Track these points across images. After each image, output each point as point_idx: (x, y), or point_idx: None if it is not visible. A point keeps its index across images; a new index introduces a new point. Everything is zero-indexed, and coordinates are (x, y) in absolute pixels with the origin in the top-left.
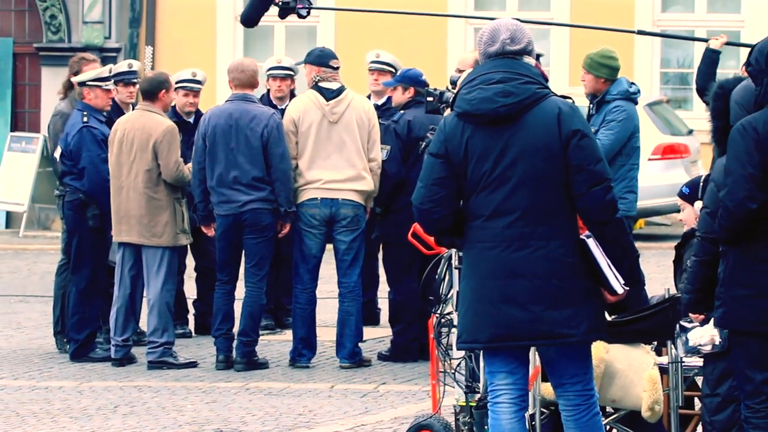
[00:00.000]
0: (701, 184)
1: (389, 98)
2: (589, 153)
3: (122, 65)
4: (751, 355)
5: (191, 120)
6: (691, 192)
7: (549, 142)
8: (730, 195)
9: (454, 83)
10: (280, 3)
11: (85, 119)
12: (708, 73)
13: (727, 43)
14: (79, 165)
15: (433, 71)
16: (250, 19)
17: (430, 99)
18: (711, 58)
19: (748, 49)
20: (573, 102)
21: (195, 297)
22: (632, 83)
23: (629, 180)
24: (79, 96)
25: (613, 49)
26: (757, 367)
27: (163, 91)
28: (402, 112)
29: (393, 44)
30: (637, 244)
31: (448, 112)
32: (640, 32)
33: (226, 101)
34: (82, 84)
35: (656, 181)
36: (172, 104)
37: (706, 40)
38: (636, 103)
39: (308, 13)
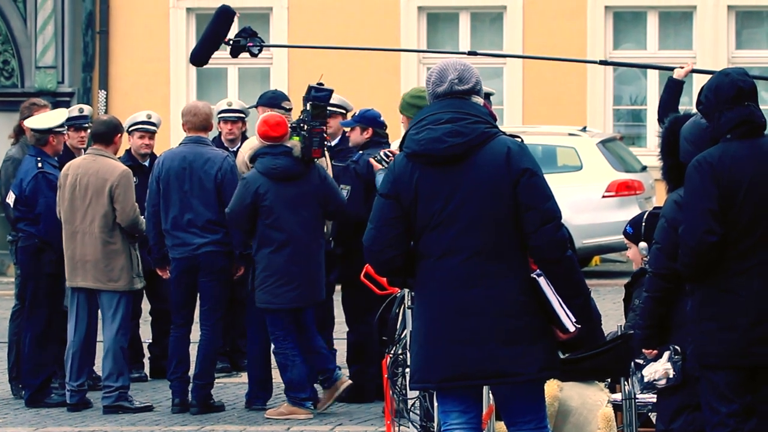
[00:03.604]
0: (643, 223)
1: (341, 139)
2: (539, 192)
3: (73, 110)
4: (717, 388)
5: (146, 163)
6: (634, 231)
7: (498, 181)
8: (690, 231)
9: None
10: (231, 41)
11: (40, 165)
12: (670, 104)
13: (694, 71)
14: (35, 211)
15: (387, 111)
16: (200, 57)
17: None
18: (673, 88)
19: (699, 86)
20: (522, 141)
21: (150, 340)
22: None
23: None
24: (32, 141)
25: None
26: (724, 399)
27: (119, 134)
28: (361, 152)
29: (346, 85)
30: (592, 281)
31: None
32: (603, 62)
33: (180, 144)
34: (48, 131)
35: (611, 218)
36: (128, 148)
37: (670, 68)
38: None
39: (260, 51)
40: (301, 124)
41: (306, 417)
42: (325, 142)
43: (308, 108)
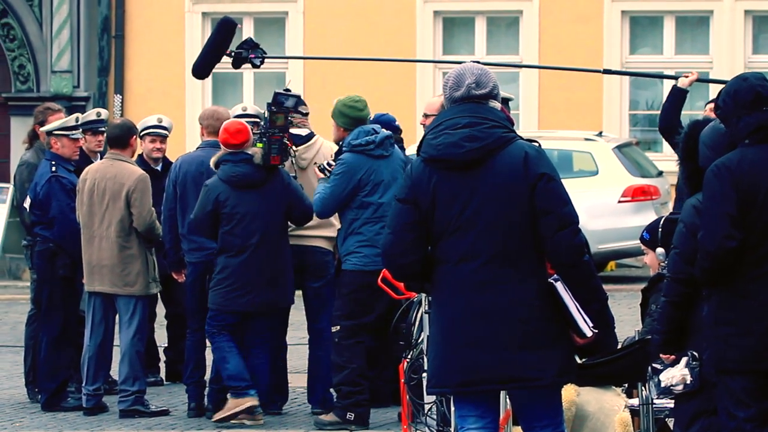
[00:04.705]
0: (660, 228)
1: None
2: (556, 196)
3: (91, 114)
4: (734, 393)
5: (159, 168)
6: (651, 237)
7: (516, 186)
8: (709, 236)
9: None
10: (233, 53)
11: (54, 169)
12: (672, 112)
13: (699, 80)
14: (48, 215)
15: (402, 115)
16: (202, 70)
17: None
18: (677, 97)
19: (716, 89)
20: (539, 145)
21: (165, 344)
22: (370, 131)
23: (364, 234)
24: (47, 146)
25: (358, 98)
26: (741, 404)
27: (134, 136)
28: None
29: (362, 89)
30: (608, 286)
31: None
32: (606, 71)
33: (198, 148)
34: (49, 133)
35: (626, 222)
36: (140, 152)
37: (675, 77)
38: (370, 155)
39: (262, 62)
40: (261, 131)
41: (252, 404)
42: (291, 150)
43: (266, 115)
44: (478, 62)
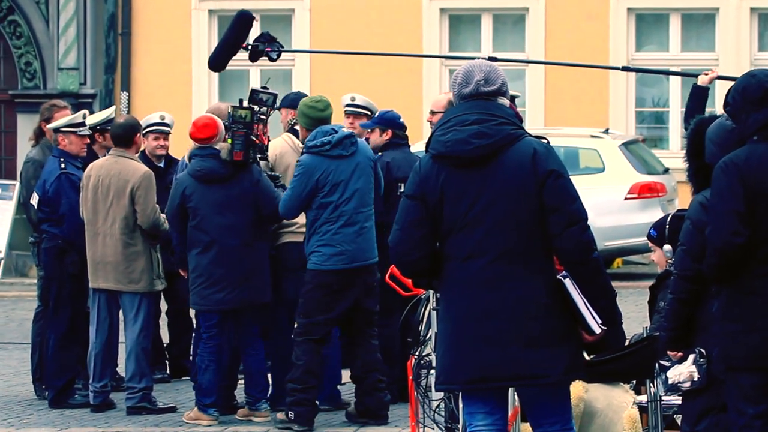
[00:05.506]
0: (667, 225)
1: (364, 141)
2: (565, 193)
3: (110, 114)
4: (743, 389)
5: (161, 165)
6: (658, 234)
7: (524, 183)
8: (716, 232)
9: None
10: (249, 46)
11: (63, 166)
12: (696, 110)
13: (718, 77)
14: (58, 211)
15: (409, 113)
16: (218, 63)
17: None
18: (698, 96)
19: (724, 88)
20: (548, 142)
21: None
22: (329, 132)
23: (323, 234)
24: (54, 143)
25: (320, 98)
26: (750, 401)
27: (138, 134)
28: (380, 153)
29: (368, 86)
30: (615, 283)
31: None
32: (625, 68)
33: None
34: (56, 130)
35: (633, 220)
36: (142, 149)
37: (695, 75)
38: (327, 156)
39: (279, 56)
40: (227, 126)
41: (209, 423)
42: (264, 146)
43: (230, 110)
44: (496, 58)
